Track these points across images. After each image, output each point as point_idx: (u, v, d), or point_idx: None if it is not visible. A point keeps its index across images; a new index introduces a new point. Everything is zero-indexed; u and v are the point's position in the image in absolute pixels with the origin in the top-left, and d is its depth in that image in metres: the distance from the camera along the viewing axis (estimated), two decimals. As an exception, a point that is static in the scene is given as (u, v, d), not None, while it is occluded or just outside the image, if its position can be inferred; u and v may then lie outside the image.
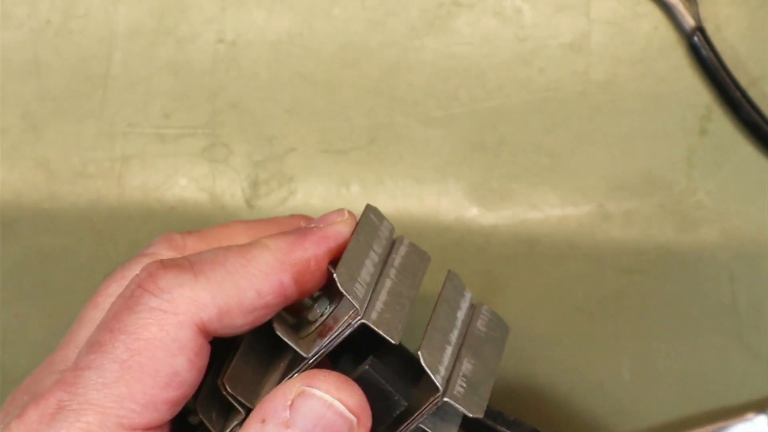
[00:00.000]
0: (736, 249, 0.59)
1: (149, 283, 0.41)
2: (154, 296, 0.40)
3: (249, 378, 0.43)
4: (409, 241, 0.46)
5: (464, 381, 0.43)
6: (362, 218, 0.45)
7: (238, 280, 0.41)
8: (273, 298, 0.42)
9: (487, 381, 0.45)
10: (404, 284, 0.44)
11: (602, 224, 0.59)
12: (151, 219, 0.59)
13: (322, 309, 0.43)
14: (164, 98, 0.60)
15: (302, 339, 0.43)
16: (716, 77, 0.58)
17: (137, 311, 0.40)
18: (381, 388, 0.42)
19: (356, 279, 0.42)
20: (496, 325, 0.47)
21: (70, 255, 0.60)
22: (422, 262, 0.46)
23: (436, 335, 0.43)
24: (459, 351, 0.44)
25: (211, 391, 0.44)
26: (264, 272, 0.42)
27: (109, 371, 0.40)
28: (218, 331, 0.41)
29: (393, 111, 0.59)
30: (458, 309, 0.46)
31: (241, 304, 0.41)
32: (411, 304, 0.44)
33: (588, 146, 0.59)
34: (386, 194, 0.59)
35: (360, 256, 0.43)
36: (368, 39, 0.59)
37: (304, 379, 0.40)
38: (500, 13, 0.59)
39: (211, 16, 0.60)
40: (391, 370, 0.43)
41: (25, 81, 0.60)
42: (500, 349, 0.47)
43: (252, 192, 0.60)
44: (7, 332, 0.60)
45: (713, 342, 0.59)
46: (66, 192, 0.60)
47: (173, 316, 0.40)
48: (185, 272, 0.41)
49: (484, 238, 0.59)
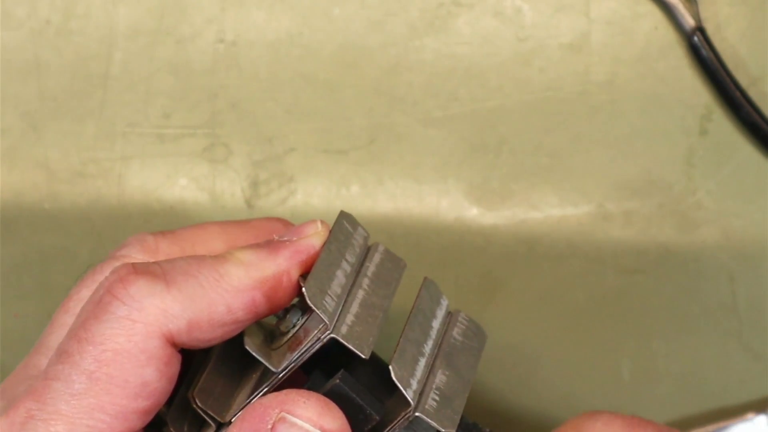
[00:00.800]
0: (736, 249, 0.59)
1: (119, 288, 0.40)
2: (123, 304, 0.40)
3: (220, 390, 0.43)
4: (384, 248, 0.45)
5: (437, 394, 0.43)
6: (335, 227, 0.44)
7: (209, 293, 0.41)
8: (244, 314, 0.41)
9: (461, 393, 0.44)
10: (377, 294, 0.43)
11: (602, 224, 0.59)
12: (151, 219, 0.59)
13: (294, 320, 0.43)
14: (164, 98, 0.60)
15: (273, 351, 0.42)
16: (716, 77, 0.58)
17: (105, 320, 0.40)
18: (352, 402, 0.41)
19: (326, 292, 0.42)
20: (474, 333, 0.46)
21: (70, 255, 0.60)
22: (397, 270, 0.45)
23: (408, 347, 0.43)
24: (433, 362, 0.44)
25: (183, 403, 0.43)
26: (236, 288, 0.41)
27: (77, 383, 0.39)
28: (186, 343, 0.41)
29: (393, 111, 0.59)
30: (434, 318, 0.45)
31: (211, 319, 0.41)
32: (384, 315, 0.43)
33: (588, 146, 0.59)
34: (386, 194, 0.59)
35: (331, 268, 0.43)
36: (368, 39, 0.59)
37: (285, 402, 0.40)
38: (500, 13, 0.59)
39: (211, 16, 0.60)
40: (363, 383, 0.42)
41: (25, 81, 0.60)
42: (476, 358, 0.46)
43: (252, 192, 0.60)
44: (7, 332, 0.60)
45: (713, 342, 0.59)
46: (66, 192, 0.60)
47: (141, 326, 0.40)
48: (158, 281, 0.40)
49: (484, 238, 0.59)
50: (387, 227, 0.59)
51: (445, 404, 0.43)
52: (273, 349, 0.42)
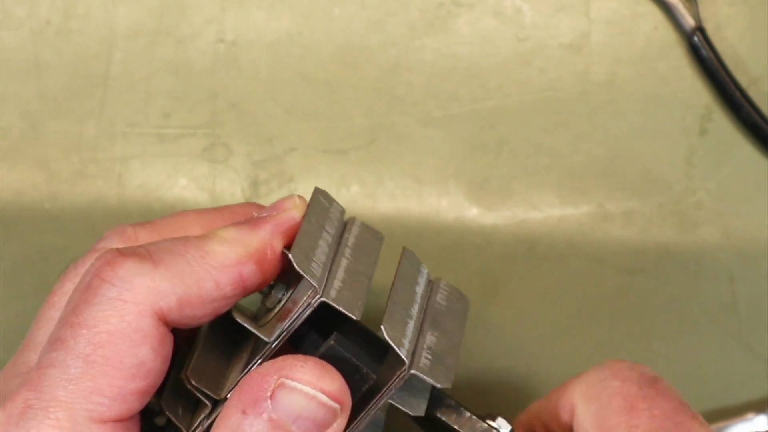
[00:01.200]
0: (736, 249, 0.59)
1: (107, 271, 0.40)
2: (112, 285, 0.40)
3: (212, 370, 0.43)
4: (362, 222, 0.46)
5: (429, 353, 0.43)
6: (311, 201, 0.44)
7: (197, 271, 0.41)
8: (232, 289, 0.42)
9: (452, 352, 0.44)
10: (361, 263, 0.44)
11: (602, 224, 0.59)
12: (151, 219, 0.59)
13: (279, 294, 0.43)
14: (164, 98, 0.60)
15: (262, 326, 0.43)
16: (716, 77, 0.58)
17: (96, 303, 0.40)
18: (348, 363, 0.41)
19: (311, 259, 0.42)
20: (456, 298, 0.47)
21: (70, 255, 0.60)
22: (376, 241, 0.46)
23: (396, 309, 0.43)
24: (421, 325, 0.44)
25: (175, 386, 0.43)
26: (222, 264, 0.41)
27: (74, 367, 0.39)
28: (177, 321, 0.41)
29: (393, 111, 0.59)
30: (416, 284, 0.45)
31: (201, 295, 0.41)
32: (369, 281, 0.44)
33: (588, 146, 0.59)
34: (386, 194, 0.59)
35: (313, 237, 0.43)
36: (368, 39, 0.59)
37: (282, 368, 0.40)
38: (500, 13, 0.59)
39: (211, 16, 0.60)
40: (357, 346, 0.42)
41: (25, 81, 0.60)
42: (462, 321, 0.46)
43: (252, 192, 0.60)
44: (7, 332, 0.60)
45: (713, 342, 0.59)
46: (66, 192, 0.60)
47: (133, 306, 0.40)
48: (145, 261, 0.40)
49: (484, 238, 0.59)
50: (387, 227, 0.59)
51: (438, 362, 0.43)
52: (261, 325, 0.43)
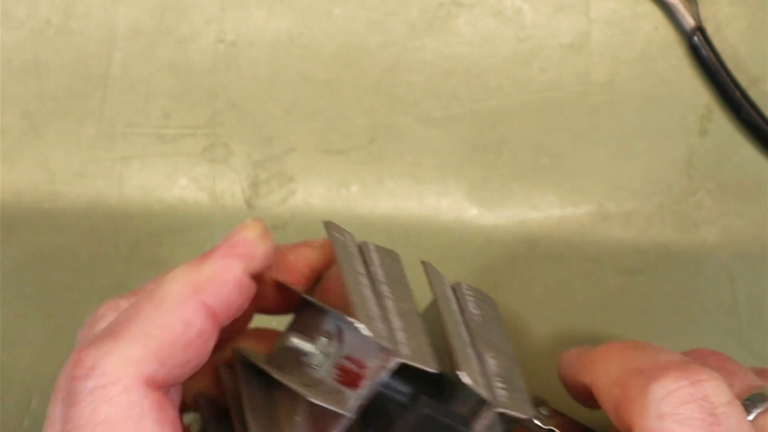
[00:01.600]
0: (736, 249, 0.59)
1: (77, 370, 0.39)
2: (87, 379, 0.39)
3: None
4: (375, 245, 0.44)
5: (499, 380, 0.41)
6: (334, 244, 0.42)
7: (157, 320, 0.40)
8: (203, 321, 0.40)
9: (515, 370, 0.43)
10: (402, 299, 0.42)
11: (602, 224, 0.59)
12: (151, 219, 0.59)
13: (326, 349, 0.41)
14: (164, 98, 0.60)
15: (314, 388, 0.40)
16: (716, 77, 0.58)
17: (80, 402, 0.39)
18: (442, 425, 0.39)
19: (372, 317, 0.40)
20: (483, 300, 0.46)
21: (70, 255, 0.60)
22: (397, 264, 0.44)
23: (459, 345, 0.41)
24: (476, 348, 0.42)
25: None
26: (179, 300, 0.40)
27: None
28: (169, 377, 0.40)
29: (393, 111, 0.59)
30: (449, 301, 0.44)
31: (176, 341, 0.40)
32: (419, 318, 0.42)
33: (588, 146, 0.59)
34: (386, 194, 0.59)
35: (359, 289, 0.41)
36: (368, 39, 0.59)
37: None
38: (500, 13, 0.59)
39: (211, 16, 0.60)
40: (435, 400, 0.40)
41: (25, 81, 0.60)
42: (501, 326, 0.45)
43: (252, 192, 0.60)
44: (7, 332, 0.60)
45: (713, 342, 0.59)
46: (66, 192, 0.60)
47: (115, 386, 0.39)
48: (105, 341, 0.39)
49: (484, 238, 0.59)
50: (387, 227, 0.59)
51: (511, 388, 0.41)
52: (311, 387, 0.41)
